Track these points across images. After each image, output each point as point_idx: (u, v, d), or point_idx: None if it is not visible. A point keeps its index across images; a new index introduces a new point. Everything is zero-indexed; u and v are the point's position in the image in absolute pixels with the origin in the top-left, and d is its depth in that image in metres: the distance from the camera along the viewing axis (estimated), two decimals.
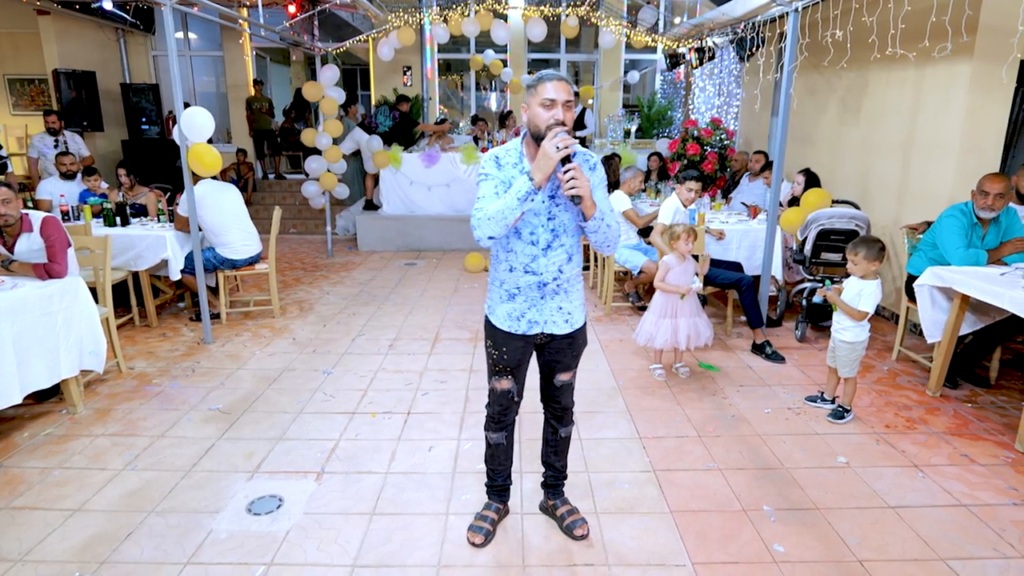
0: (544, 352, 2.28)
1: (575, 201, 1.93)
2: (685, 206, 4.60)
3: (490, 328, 2.24)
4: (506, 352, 2.22)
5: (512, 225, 1.98)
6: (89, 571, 2.23)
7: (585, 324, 2.30)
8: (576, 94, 9.21)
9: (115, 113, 9.58)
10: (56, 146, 6.84)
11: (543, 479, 2.53)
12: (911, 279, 3.96)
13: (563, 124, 1.93)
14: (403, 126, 8.58)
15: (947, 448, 3.08)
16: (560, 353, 2.25)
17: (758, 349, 4.33)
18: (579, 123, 9.12)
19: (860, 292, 3.25)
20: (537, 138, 2.00)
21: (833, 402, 3.51)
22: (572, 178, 1.87)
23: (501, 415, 2.35)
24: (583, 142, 9.30)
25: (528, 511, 2.58)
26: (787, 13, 4.20)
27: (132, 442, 3.14)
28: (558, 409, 2.38)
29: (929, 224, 4.06)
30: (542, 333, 2.19)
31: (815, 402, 3.56)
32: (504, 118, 9.24)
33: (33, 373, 3.11)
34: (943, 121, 4.55)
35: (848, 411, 3.40)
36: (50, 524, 2.48)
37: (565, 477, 2.52)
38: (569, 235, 2.12)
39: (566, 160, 1.89)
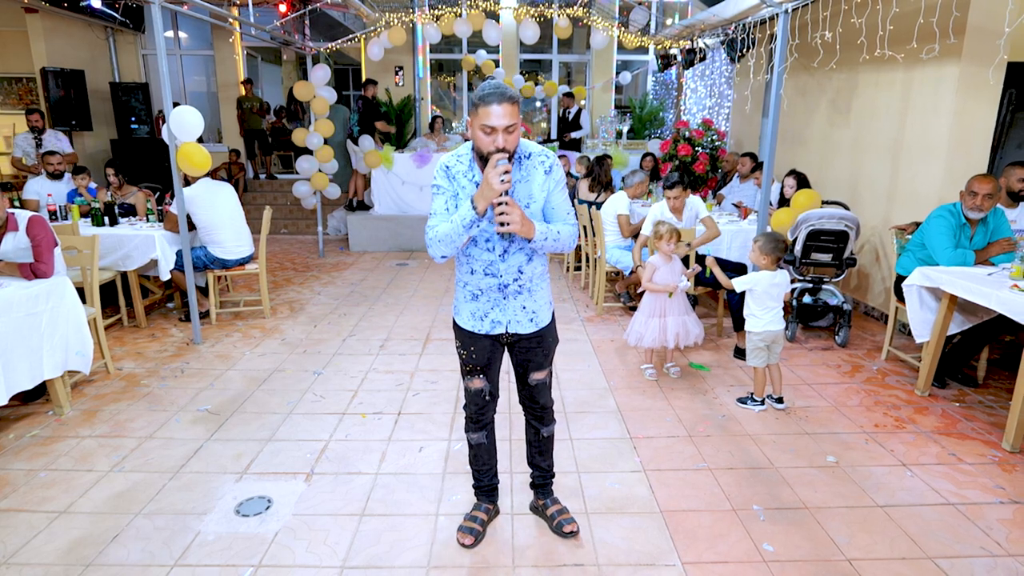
0: (515, 352, 2.28)
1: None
2: (673, 212, 4.57)
3: (456, 328, 2.26)
4: (474, 352, 2.23)
5: (463, 246, 2.03)
6: (75, 574, 2.20)
7: (553, 322, 2.29)
8: (570, 94, 9.32)
9: (104, 112, 9.51)
10: (39, 145, 6.77)
11: (531, 480, 2.53)
12: (900, 279, 3.98)
13: (504, 151, 1.89)
14: (367, 113, 8.38)
15: (935, 447, 3.10)
16: (530, 352, 2.25)
17: (740, 354, 4.23)
18: (575, 124, 9.11)
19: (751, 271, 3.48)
20: (481, 157, 1.99)
21: (780, 401, 3.53)
22: (502, 213, 1.89)
23: (478, 415, 2.35)
24: (578, 143, 9.30)
25: (518, 511, 2.58)
26: (777, 15, 4.22)
27: (119, 443, 3.11)
28: (537, 409, 2.38)
29: (918, 225, 4.08)
30: (506, 332, 2.19)
31: (772, 401, 3.57)
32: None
33: (17, 373, 3.07)
34: (931, 122, 4.58)
35: (755, 400, 3.52)
36: (35, 526, 2.46)
37: (552, 476, 2.51)
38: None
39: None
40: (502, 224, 1.90)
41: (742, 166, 6.44)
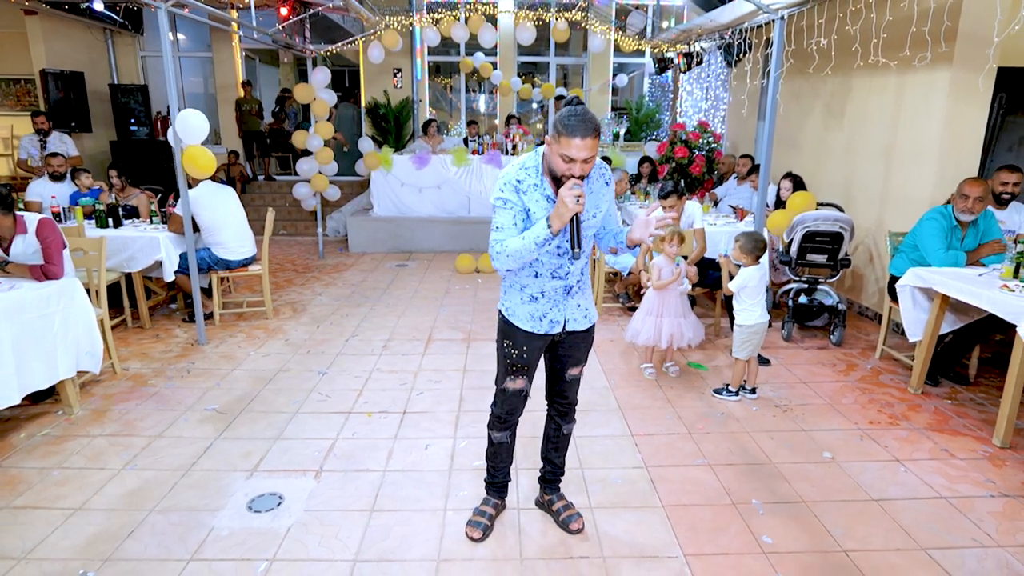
0: (559, 347, 2.33)
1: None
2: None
3: (510, 329, 2.24)
4: (526, 351, 2.25)
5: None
6: (93, 568, 2.26)
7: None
8: (563, 98, 9.37)
9: (103, 114, 9.52)
10: (44, 147, 6.81)
11: (541, 474, 2.59)
12: (893, 280, 4.07)
13: (579, 179, 1.94)
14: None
15: (928, 443, 3.19)
16: (574, 347, 2.32)
17: None
18: None
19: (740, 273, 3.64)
20: (553, 176, 2.05)
21: (753, 391, 3.70)
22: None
23: (509, 415, 2.39)
24: None
25: (525, 506, 2.64)
26: (773, 20, 4.30)
27: (130, 442, 3.16)
28: (564, 405, 2.45)
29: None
30: (563, 331, 2.25)
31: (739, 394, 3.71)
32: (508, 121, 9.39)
33: (31, 374, 3.12)
34: (923, 126, 4.68)
35: (731, 391, 3.68)
36: (52, 523, 2.51)
37: (563, 473, 2.58)
38: (589, 242, 2.22)
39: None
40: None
41: (741, 167, 6.54)
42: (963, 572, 2.26)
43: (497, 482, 2.54)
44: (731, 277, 3.68)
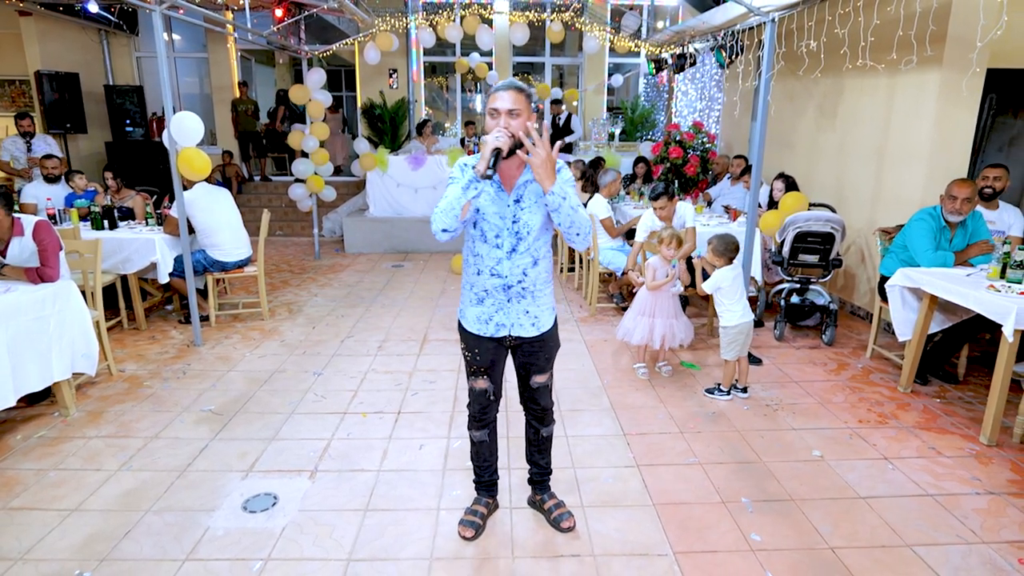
0: (518, 354, 2.37)
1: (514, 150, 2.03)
2: (663, 221, 4.68)
3: (462, 330, 2.35)
4: (478, 353, 2.32)
5: (463, 216, 2.06)
6: (89, 569, 2.28)
7: (555, 327, 2.38)
8: (559, 101, 9.39)
9: (99, 115, 9.51)
10: (29, 149, 6.81)
11: (529, 475, 2.63)
12: (883, 280, 4.11)
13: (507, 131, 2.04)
14: None
15: (916, 441, 3.23)
16: (532, 356, 2.35)
17: None
18: (566, 128, 9.21)
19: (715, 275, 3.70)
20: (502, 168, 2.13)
21: (745, 391, 3.75)
22: (530, 151, 2.00)
23: (481, 413, 2.44)
24: (570, 147, 9.40)
25: (516, 505, 2.68)
26: (764, 23, 4.34)
27: (126, 443, 3.19)
28: (537, 410, 2.48)
29: (901, 227, 4.22)
30: (510, 336, 2.29)
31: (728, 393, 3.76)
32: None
33: (26, 376, 3.14)
34: (914, 128, 4.72)
35: (722, 390, 3.74)
36: (48, 523, 2.53)
37: (550, 473, 2.61)
38: (534, 238, 2.19)
39: (512, 153, 2.04)
40: (527, 152, 1.99)
41: (735, 167, 6.58)
42: (947, 568, 2.29)
43: (485, 481, 2.57)
44: (706, 277, 3.74)
